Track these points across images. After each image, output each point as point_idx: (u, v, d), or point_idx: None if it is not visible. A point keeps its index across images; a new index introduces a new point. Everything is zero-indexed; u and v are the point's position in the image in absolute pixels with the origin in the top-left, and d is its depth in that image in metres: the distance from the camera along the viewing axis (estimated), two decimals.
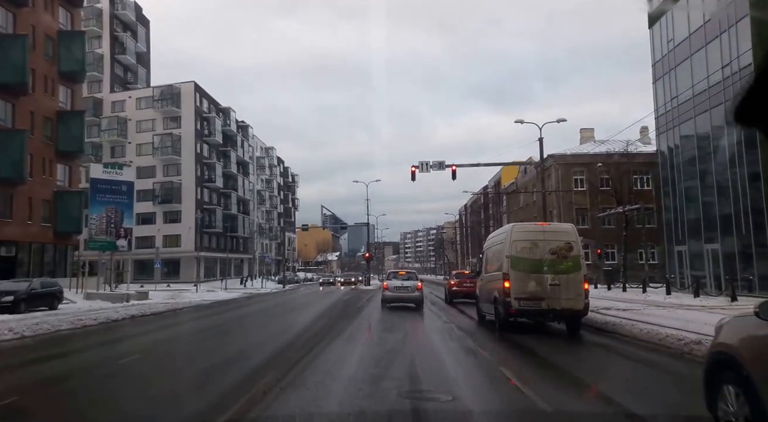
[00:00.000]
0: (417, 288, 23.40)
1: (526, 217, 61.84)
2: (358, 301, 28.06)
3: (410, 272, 26.04)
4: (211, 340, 13.78)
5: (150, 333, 15.62)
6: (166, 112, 64.98)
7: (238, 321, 19.50)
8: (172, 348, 12.86)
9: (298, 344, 12.02)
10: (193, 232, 63.48)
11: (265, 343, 12.50)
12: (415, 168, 30.19)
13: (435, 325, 16.77)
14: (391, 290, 23.46)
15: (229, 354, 10.88)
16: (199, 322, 19.31)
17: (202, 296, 34.69)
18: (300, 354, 10.16)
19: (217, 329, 16.53)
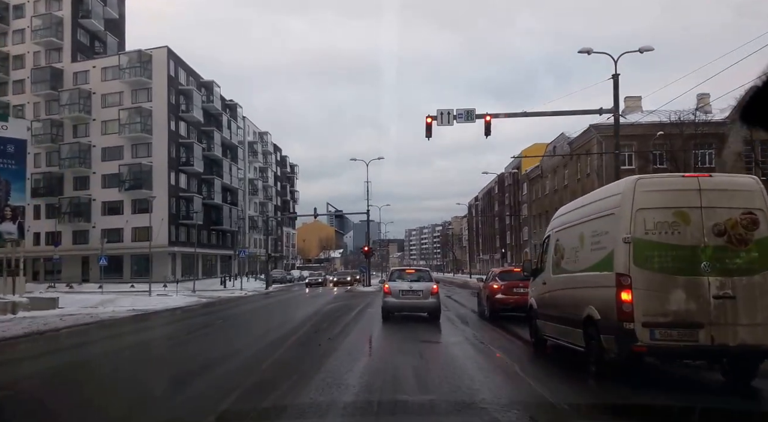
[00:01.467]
0: (431, 292, 15.48)
1: (553, 207, 52.62)
2: (349, 312, 18.95)
3: (421, 271, 17.97)
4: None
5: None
6: (135, 83, 55.88)
7: (105, 360, 10.42)
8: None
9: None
10: (166, 223, 54.47)
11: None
12: (431, 119, 20.98)
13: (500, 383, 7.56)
14: (395, 296, 15.65)
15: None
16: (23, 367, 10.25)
17: (149, 302, 25.60)
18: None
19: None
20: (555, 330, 9.47)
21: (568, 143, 47.26)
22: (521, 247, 65.40)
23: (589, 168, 42.64)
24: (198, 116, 59.95)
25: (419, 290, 15.07)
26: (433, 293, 15.04)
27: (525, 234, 65.46)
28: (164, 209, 54.85)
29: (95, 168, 56.83)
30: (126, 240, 55.95)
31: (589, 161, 43.01)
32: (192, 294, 34.82)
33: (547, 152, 54.75)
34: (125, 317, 19.34)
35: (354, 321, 15.37)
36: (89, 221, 56.59)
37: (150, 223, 55.20)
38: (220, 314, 20.50)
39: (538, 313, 10.46)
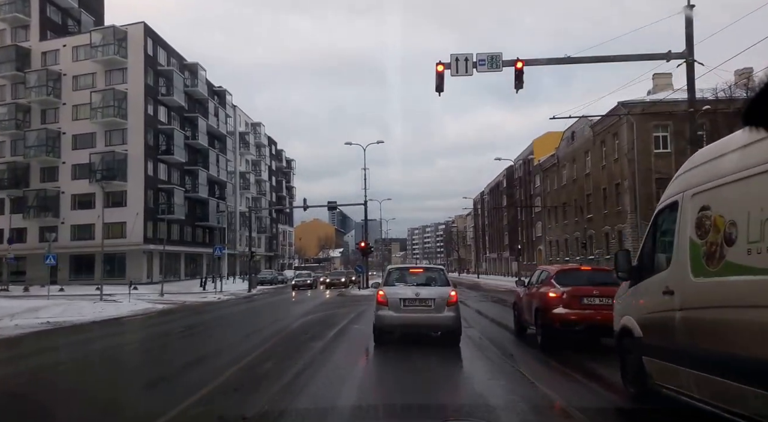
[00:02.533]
0: (448, 302, 10.14)
1: (571, 198, 47.22)
2: (327, 329, 13.19)
3: (432, 270, 12.11)
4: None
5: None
6: (108, 63, 50.43)
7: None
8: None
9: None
10: (141, 219, 49.21)
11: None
12: (442, 67, 15.59)
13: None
14: (394, 308, 10.22)
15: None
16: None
17: (85, 311, 20.21)
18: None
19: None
20: (701, 384, 4.62)
21: (590, 125, 41.79)
22: (534, 244, 59.98)
23: (618, 152, 37.15)
24: (179, 100, 54.51)
25: (429, 298, 9.76)
26: (450, 304, 9.76)
27: (538, 230, 60.01)
28: (140, 203, 49.59)
29: (65, 157, 51.49)
30: (98, 237, 50.23)
31: (617, 144, 37.56)
32: (155, 299, 29.48)
33: (566, 139, 49.32)
34: (18, 335, 13.96)
35: (328, 351, 9.78)
36: (58, 216, 51.24)
37: (124, 218, 50.30)
38: (148, 332, 15.28)
39: (648, 346, 5.63)
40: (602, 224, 39.94)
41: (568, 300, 9.23)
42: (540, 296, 9.93)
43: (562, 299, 9.29)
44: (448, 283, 10.47)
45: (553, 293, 9.50)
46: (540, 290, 10.12)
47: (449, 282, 10.53)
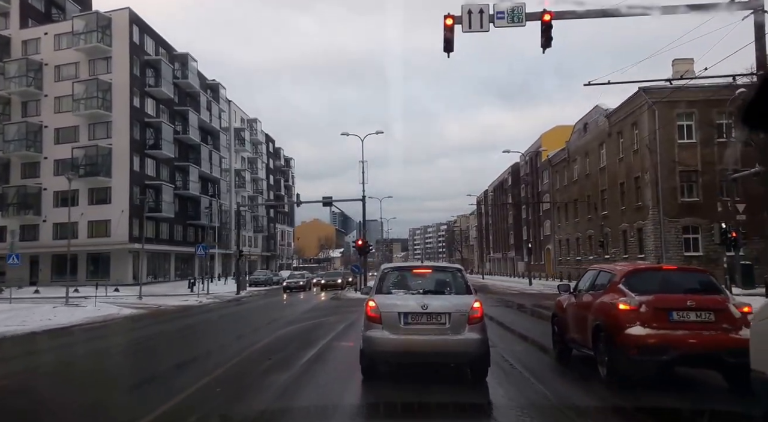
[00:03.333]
0: (470, 318, 6.84)
1: (582, 194, 44.26)
2: (304, 349, 9.97)
3: (445, 270, 8.00)
4: None
5: None
6: (92, 51, 47.57)
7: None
8: None
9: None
10: (126, 216, 46.34)
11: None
12: (451, 21, 12.71)
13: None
14: (392, 327, 6.90)
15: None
16: None
17: (32, 317, 17.32)
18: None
19: None
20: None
21: (605, 115, 38.88)
22: (542, 244, 57.02)
23: (637, 143, 34.22)
24: (168, 91, 51.61)
25: (442, 312, 6.77)
26: (473, 321, 6.75)
27: (546, 229, 57.04)
28: (125, 200, 46.70)
29: (46, 152, 48.64)
30: (81, 236, 47.62)
31: (636, 134, 34.63)
32: (130, 303, 26.66)
33: (577, 131, 46.41)
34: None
35: (288, 394, 6.66)
36: (39, 214, 48.39)
37: (109, 216, 47.46)
38: (75, 350, 12.28)
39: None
40: (619, 221, 37.00)
41: (649, 315, 6.22)
42: (602, 308, 6.92)
43: (640, 314, 6.26)
44: (469, 289, 7.22)
45: (625, 304, 6.43)
46: (601, 299, 7.09)
47: (470, 288, 7.26)
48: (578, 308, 7.89)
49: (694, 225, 31.70)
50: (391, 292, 7.24)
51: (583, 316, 7.47)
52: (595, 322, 6.89)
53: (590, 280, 8.02)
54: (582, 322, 7.51)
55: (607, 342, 6.58)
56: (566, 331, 8.37)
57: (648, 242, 32.91)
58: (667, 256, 31.38)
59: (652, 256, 32.18)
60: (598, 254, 40.47)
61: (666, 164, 32.04)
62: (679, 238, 31.73)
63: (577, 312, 7.87)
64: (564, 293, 8.92)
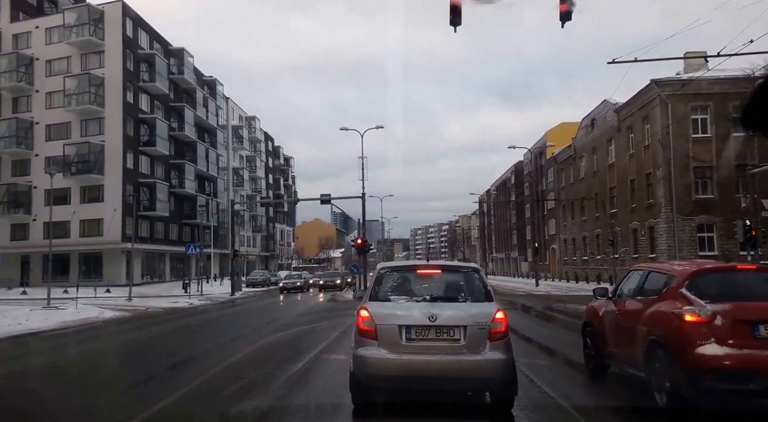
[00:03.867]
0: (492, 333, 5.33)
1: (592, 192, 42.81)
2: (286, 366, 8.28)
3: (458, 271, 6.32)
4: None
5: None
6: (84, 45, 46.23)
7: None
8: None
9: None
10: (119, 215, 44.99)
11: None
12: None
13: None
14: (390, 344, 5.34)
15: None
16: None
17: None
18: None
19: None
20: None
21: (614, 110, 37.47)
22: (547, 243, 55.56)
23: (649, 138, 32.79)
24: (162, 87, 50.23)
25: (455, 325, 5.33)
26: (495, 337, 5.30)
27: (551, 228, 55.60)
28: (118, 198, 45.32)
29: (38, 149, 47.29)
30: (73, 235, 46.37)
31: (647, 129, 33.21)
32: (117, 305, 25.32)
33: (584, 127, 45.00)
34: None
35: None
36: (29, 213, 47.04)
37: (101, 215, 46.08)
38: (32, 360, 10.82)
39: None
40: (629, 219, 35.57)
41: (726, 330, 4.79)
42: (660, 319, 5.45)
43: (714, 328, 4.83)
44: (489, 295, 5.73)
45: (692, 315, 4.99)
46: (657, 307, 5.60)
47: (491, 294, 5.76)
48: (622, 317, 6.43)
49: (708, 223, 30.27)
50: (389, 299, 5.71)
51: (630, 328, 6.03)
52: (649, 337, 5.42)
53: (637, 283, 6.50)
54: (628, 335, 6.07)
55: (668, 363, 5.11)
56: (603, 344, 6.92)
57: (660, 241, 31.48)
58: (680, 255, 29.95)
59: (664, 255, 30.75)
60: (606, 254, 39.06)
61: (679, 159, 30.60)
62: (693, 237, 30.30)
63: (621, 323, 6.41)
64: (600, 298, 7.38)
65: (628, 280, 7.00)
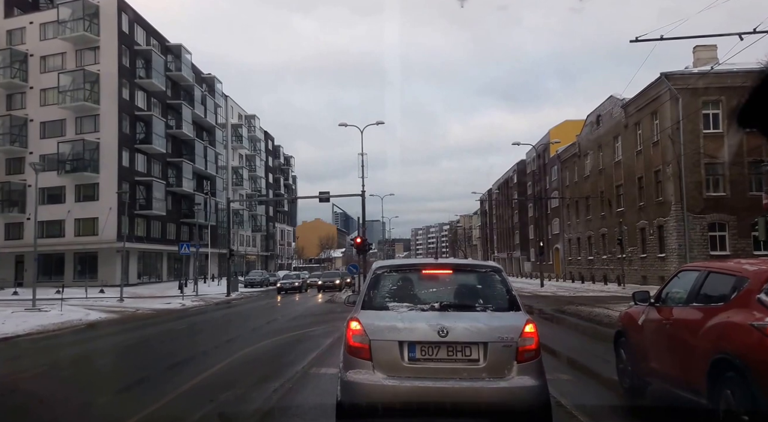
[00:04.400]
0: (520, 351, 4.26)
1: (595, 190, 41.79)
2: (265, 384, 7.14)
3: (475, 271, 5.20)
4: None
5: None
6: (78, 41, 45.32)
7: None
8: None
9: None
10: (114, 214, 43.97)
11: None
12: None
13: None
14: (388, 367, 4.25)
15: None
16: None
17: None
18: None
19: None
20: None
21: (621, 106, 36.46)
22: (550, 243, 54.53)
23: (658, 134, 31.79)
24: (159, 83, 49.29)
25: (473, 342, 4.24)
26: (525, 357, 4.23)
27: (555, 227, 54.59)
28: (113, 197, 44.30)
29: (32, 147, 46.39)
30: (68, 234, 45.54)
31: (656, 124, 32.21)
32: (107, 306, 24.39)
33: (589, 124, 44.00)
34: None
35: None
36: (24, 212, 46.14)
37: (97, 214, 45.13)
38: (8, 367, 9.79)
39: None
40: (637, 218, 34.56)
41: None
42: (732, 333, 4.32)
43: None
44: (515, 302, 4.65)
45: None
46: (726, 318, 4.46)
47: (516, 300, 4.67)
48: (673, 328, 5.31)
49: (720, 222, 29.26)
50: (387, 307, 4.59)
51: (684, 342, 4.97)
52: (715, 355, 4.32)
53: (691, 286, 5.33)
54: (682, 351, 5.01)
55: (745, 390, 3.99)
56: (643, 359, 5.85)
57: (670, 241, 30.46)
58: (691, 255, 28.96)
59: (674, 255, 29.76)
60: (612, 254, 38.09)
61: (690, 156, 29.59)
62: (705, 235, 29.29)
63: (670, 335, 5.33)
64: (640, 303, 6.20)
65: (676, 282, 5.86)
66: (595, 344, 11.26)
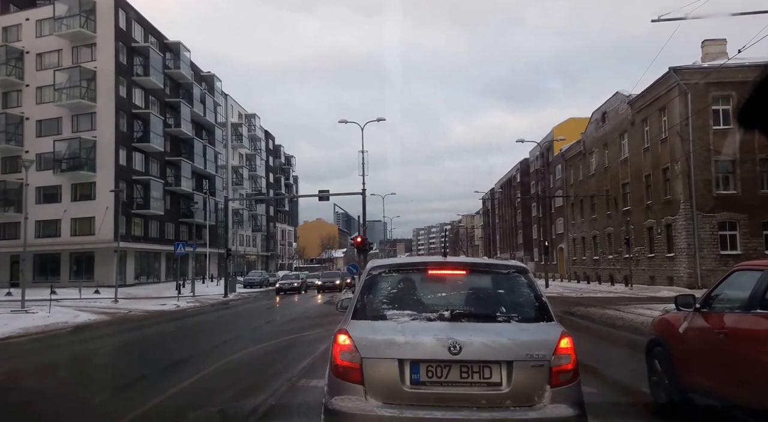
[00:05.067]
0: (554, 372, 3.39)
1: (601, 189, 40.97)
2: (244, 400, 6.34)
3: (491, 271, 4.19)
4: None
5: None
6: (75, 37, 44.62)
7: None
8: None
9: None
10: (111, 213, 43.27)
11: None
12: None
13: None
14: (384, 393, 3.38)
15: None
16: None
17: None
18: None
19: None
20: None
21: (627, 102, 35.67)
22: (554, 243, 53.69)
23: (666, 131, 30.98)
24: (157, 81, 48.55)
25: (493, 360, 3.37)
26: (560, 380, 3.36)
27: (559, 227, 53.76)
28: (110, 196, 43.56)
29: (28, 146, 45.64)
30: (64, 234, 44.83)
31: (665, 121, 31.40)
32: (100, 308, 23.64)
33: (594, 122, 43.19)
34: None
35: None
36: (20, 211, 45.09)
37: (93, 213, 44.40)
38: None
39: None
40: (644, 217, 33.74)
41: None
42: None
43: None
44: (546, 310, 3.80)
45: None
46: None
47: (547, 308, 3.81)
48: (730, 339, 4.50)
49: (731, 220, 28.43)
50: (383, 315, 3.75)
51: (748, 356, 4.16)
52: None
53: (752, 289, 4.49)
54: (745, 367, 4.20)
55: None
56: (688, 373, 5.07)
57: (679, 240, 29.65)
58: (701, 254, 28.19)
59: (683, 255, 28.97)
60: (619, 254, 37.30)
61: (699, 153, 28.78)
62: (715, 235, 28.47)
63: (728, 347, 4.51)
64: (684, 308, 5.31)
65: (730, 285, 5.04)
66: (614, 350, 10.51)
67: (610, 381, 7.02)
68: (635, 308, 17.81)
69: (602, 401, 5.68)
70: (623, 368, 7.37)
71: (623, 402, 6.12)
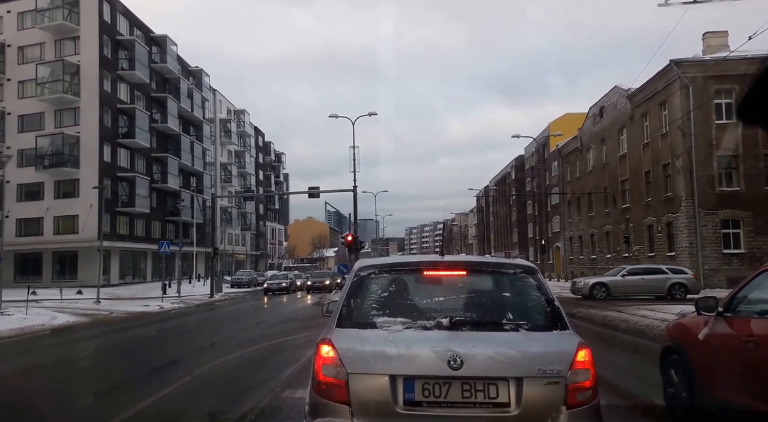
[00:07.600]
0: (571, 390, 2.86)
1: (598, 186, 40.10)
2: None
3: (495, 271, 3.60)
4: None
5: None
6: (57, 30, 43.27)
7: None
8: None
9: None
10: (95, 211, 41.90)
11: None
12: None
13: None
14: (377, 414, 2.81)
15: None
16: None
17: None
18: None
19: None
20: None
21: (626, 96, 34.80)
22: (550, 241, 52.85)
23: (667, 125, 30.12)
24: (143, 75, 47.24)
25: (499, 377, 2.87)
26: (577, 399, 2.79)
27: (555, 225, 52.91)
28: (94, 193, 42.26)
29: (9, 141, 44.20)
30: (47, 233, 43.46)
31: (665, 115, 30.54)
32: (81, 309, 22.47)
33: (591, 117, 42.32)
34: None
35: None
36: (1, 209, 43.79)
37: (77, 211, 43.08)
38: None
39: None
40: (643, 214, 32.90)
41: None
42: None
43: None
44: (559, 317, 3.23)
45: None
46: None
47: (561, 315, 3.24)
48: (761, 348, 3.88)
49: (734, 218, 27.62)
50: (373, 323, 3.22)
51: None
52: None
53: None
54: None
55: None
56: (710, 384, 4.44)
57: (680, 238, 28.81)
58: (703, 253, 27.36)
59: (685, 253, 28.11)
60: (617, 252, 36.47)
61: (701, 148, 27.94)
62: (717, 233, 27.64)
63: (756, 356, 3.88)
64: (705, 313, 4.67)
65: (757, 287, 4.37)
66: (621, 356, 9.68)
67: (619, 389, 6.28)
68: (638, 310, 16.97)
69: (613, 415, 4.91)
70: (632, 376, 6.56)
71: (636, 415, 5.48)
